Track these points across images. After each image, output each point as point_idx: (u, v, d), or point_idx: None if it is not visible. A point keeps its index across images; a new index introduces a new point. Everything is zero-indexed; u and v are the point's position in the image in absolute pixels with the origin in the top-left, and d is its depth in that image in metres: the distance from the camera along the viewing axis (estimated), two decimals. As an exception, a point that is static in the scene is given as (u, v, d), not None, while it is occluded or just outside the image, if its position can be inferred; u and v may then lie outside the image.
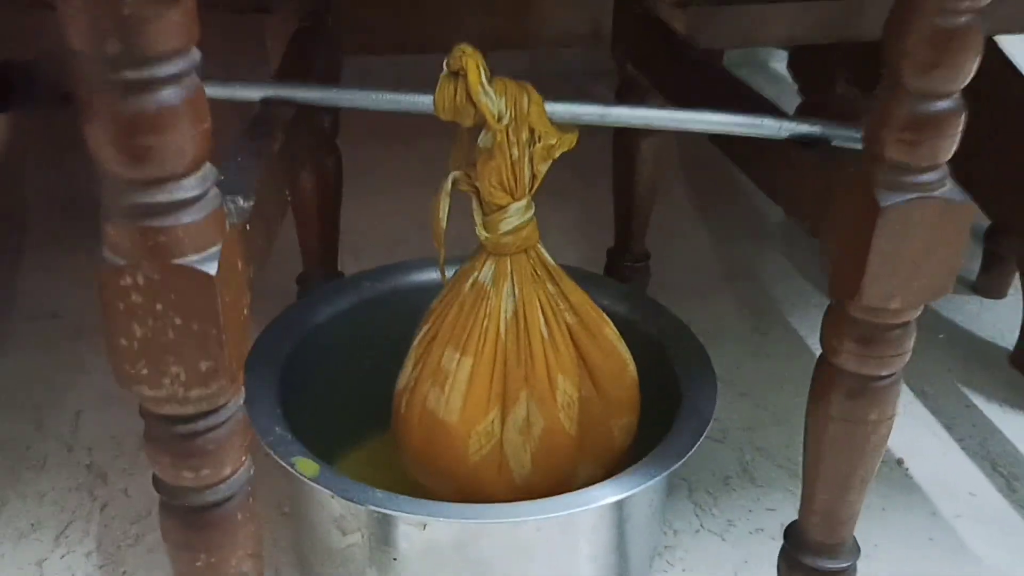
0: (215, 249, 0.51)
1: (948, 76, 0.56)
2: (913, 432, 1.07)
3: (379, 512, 0.69)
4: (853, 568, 0.74)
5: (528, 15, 1.25)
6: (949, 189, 0.60)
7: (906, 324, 0.64)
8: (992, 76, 1.13)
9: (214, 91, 0.73)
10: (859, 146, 0.70)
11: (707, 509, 0.96)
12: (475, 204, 0.76)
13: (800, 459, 1.01)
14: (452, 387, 0.76)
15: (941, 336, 1.23)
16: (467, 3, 1.26)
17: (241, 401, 0.58)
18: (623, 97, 1.07)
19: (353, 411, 0.93)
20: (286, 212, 0.72)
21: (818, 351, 0.70)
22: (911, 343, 0.65)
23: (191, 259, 0.50)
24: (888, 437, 0.69)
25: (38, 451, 1.01)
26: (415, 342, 0.80)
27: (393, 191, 1.49)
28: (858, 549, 0.75)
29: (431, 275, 0.95)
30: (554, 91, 0.73)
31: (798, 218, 0.70)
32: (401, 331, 0.84)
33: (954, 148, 0.59)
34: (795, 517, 0.96)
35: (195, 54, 0.48)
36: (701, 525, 0.94)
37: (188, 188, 0.49)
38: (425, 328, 0.79)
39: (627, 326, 0.89)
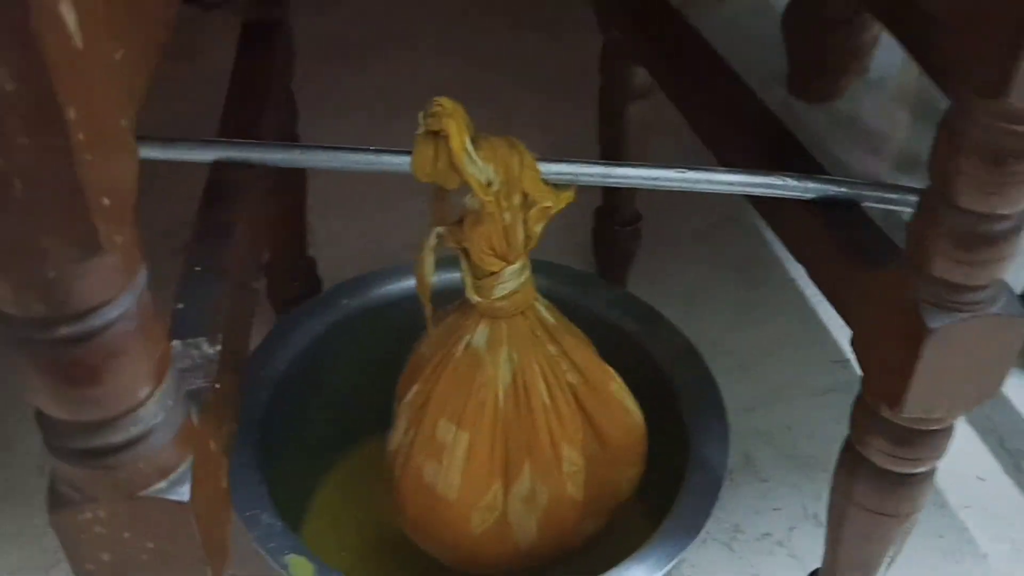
0: (184, 468, 0.45)
1: (1009, 199, 0.49)
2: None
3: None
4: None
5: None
6: (1004, 302, 0.53)
7: (947, 428, 0.59)
8: None
9: (154, 153, 0.65)
10: (891, 207, 0.64)
11: (712, 512, 0.93)
12: (464, 265, 0.68)
13: (803, 446, 1.00)
14: (450, 463, 0.70)
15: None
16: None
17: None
18: (605, 63, 0.97)
19: (341, 422, 0.90)
20: (255, 306, 0.64)
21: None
22: (950, 440, 0.61)
23: (158, 487, 0.44)
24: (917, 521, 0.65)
25: (4, 476, 0.95)
26: (406, 399, 0.74)
27: (352, 115, 1.38)
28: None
29: (405, 285, 0.88)
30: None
31: (822, 291, 0.63)
32: (381, 349, 0.81)
33: (1013, 264, 0.52)
34: (800, 515, 0.94)
35: (140, 280, 0.40)
36: (707, 532, 0.91)
37: (147, 418, 0.42)
38: (415, 389, 0.73)
39: (625, 341, 0.84)
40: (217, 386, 0.52)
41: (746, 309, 1.14)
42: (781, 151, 0.68)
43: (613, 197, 1.09)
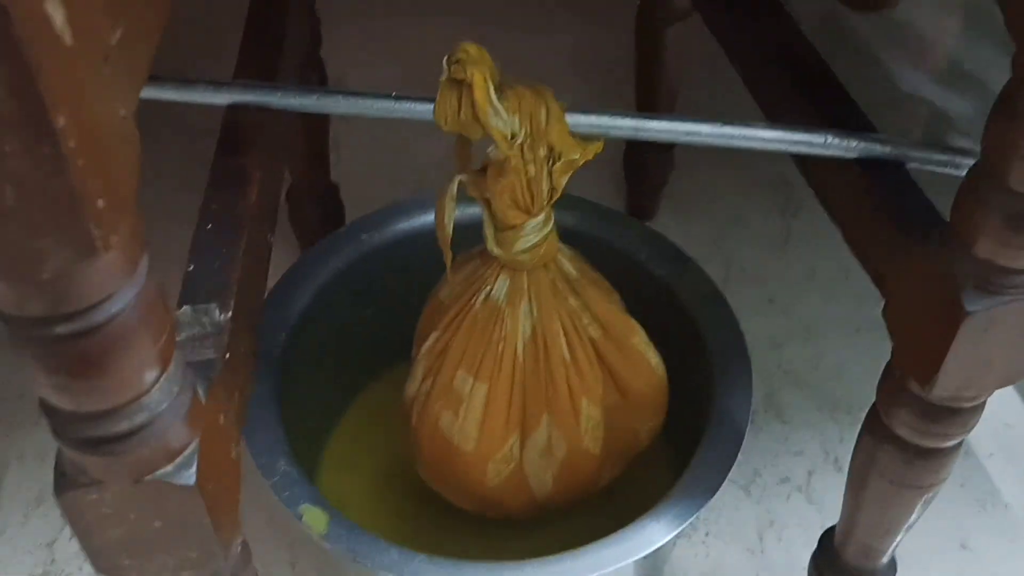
0: (191, 451, 0.44)
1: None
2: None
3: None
4: (888, 587, 0.72)
5: None
6: (1048, 286, 0.51)
7: (978, 405, 0.57)
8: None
9: (170, 94, 0.63)
10: (937, 169, 0.60)
11: (732, 467, 0.92)
12: (485, 216, 0.66)
13: (829, 386, 0.98)
14: (467, 413, 0.69)
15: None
16: None
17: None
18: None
19: (360, 359, 0.90)
20: (269, 257, 0.62)
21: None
22: (980, 414, 0.59)
23: (164, 472, 0.43)
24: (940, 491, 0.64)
25: (34, 399, 0.96)
26: (425, 347, 0.72)
27: (378, 17, 1.34)
28: (895, 566, 0.72)
29: (426, 220, 0.86)
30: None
31: (856, 256, 0.61)
32: (401, 284, 0.82)
33: (1062, 247, 0.50)
34: (821, 459, 0.93)
35: (140, 272, 0.38)
36: (725, 474, 0.91)
37: (153, 406, 0.41)
38: (433, 337, 0.72)
39: (652, 282, 0.82)
40: (228, 356, 0.51)
41: (780, 239, 1.12)
42: (825, 101, 0.65)
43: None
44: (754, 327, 1.02)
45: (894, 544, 0.68)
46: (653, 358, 0.73)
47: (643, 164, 1.08)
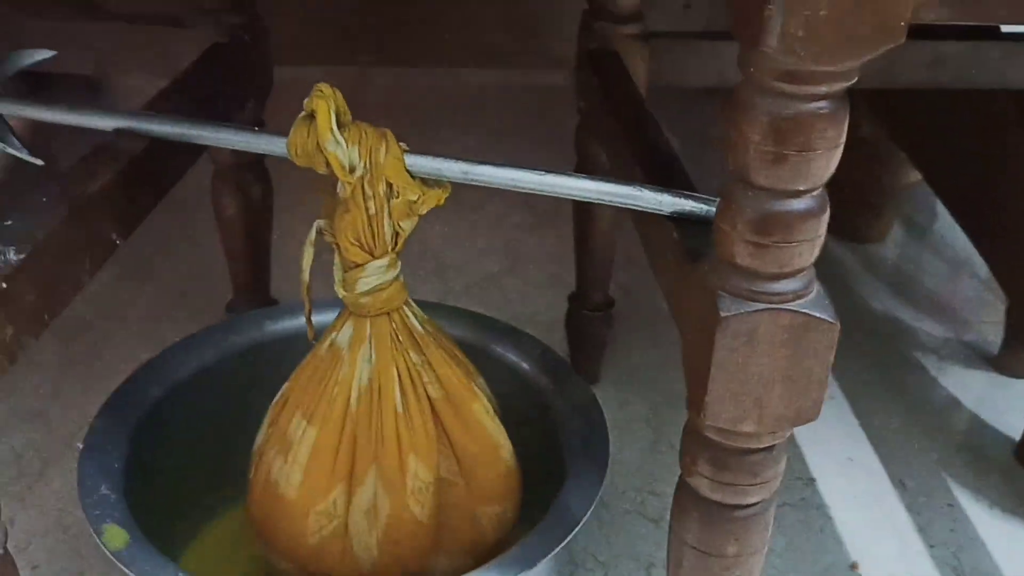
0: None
1: (798, 173, 0.46)
2: (878, 531, 0.95)
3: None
4: None
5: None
6: (809, 301, 0.50)
7: (767, 450, 0.54)
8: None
9: (58, 116, 0.68)
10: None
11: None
12: (336, 258, 0.69)
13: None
14: (294, 459, 0.68)
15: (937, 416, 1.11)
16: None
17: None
18: (579, 135, 0.98)
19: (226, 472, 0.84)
20: (108, 254, 0.65)
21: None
22: (777, 471, 0.56)
23: None
24: (756, 572, 0.59)
25: None
26: (274, 400, 0.73)
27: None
28: None
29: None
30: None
31: (669, 308, 0.61)
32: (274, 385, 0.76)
33: (816, 252, 0.49)
34: None
35: None
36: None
37: None
38: (283, 387, 0.72)
39: (533, 395, 0.81)
40: (3, 285, 0.53)
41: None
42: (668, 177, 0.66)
43: (585, 282, 1.08)
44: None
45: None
46: (496, 432, 0.71)
47: (583, 324, 1.09)
